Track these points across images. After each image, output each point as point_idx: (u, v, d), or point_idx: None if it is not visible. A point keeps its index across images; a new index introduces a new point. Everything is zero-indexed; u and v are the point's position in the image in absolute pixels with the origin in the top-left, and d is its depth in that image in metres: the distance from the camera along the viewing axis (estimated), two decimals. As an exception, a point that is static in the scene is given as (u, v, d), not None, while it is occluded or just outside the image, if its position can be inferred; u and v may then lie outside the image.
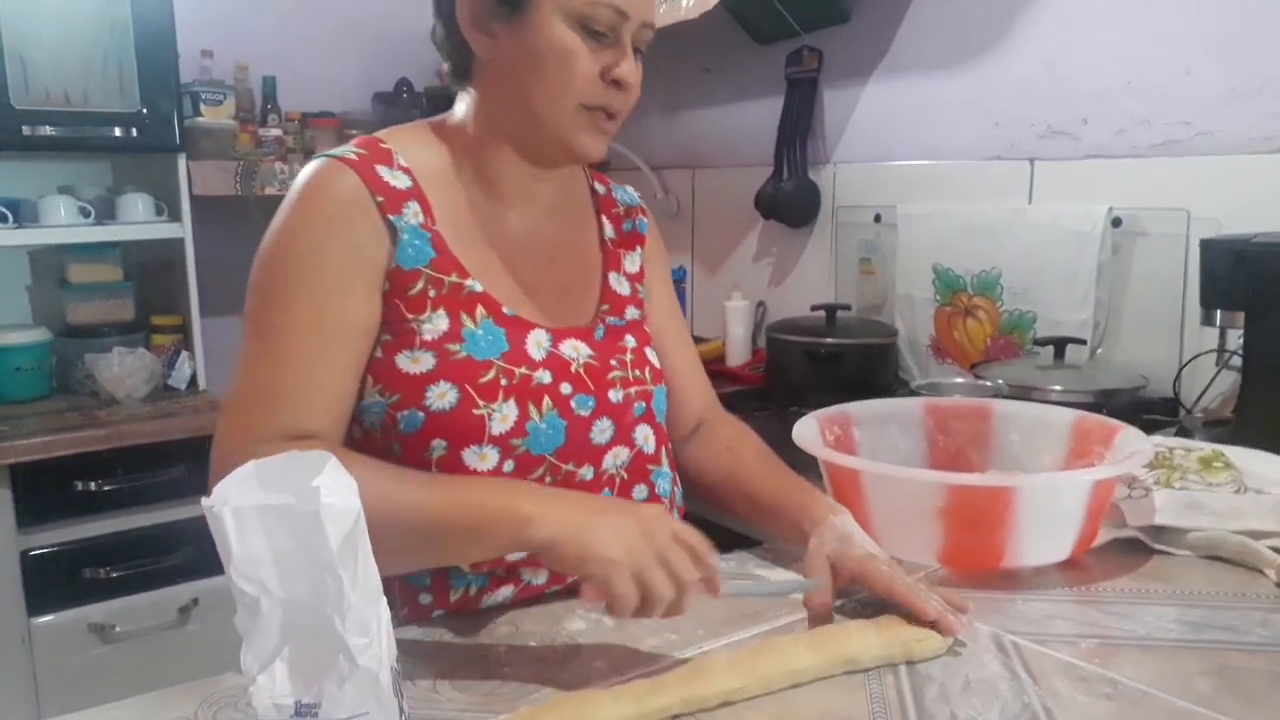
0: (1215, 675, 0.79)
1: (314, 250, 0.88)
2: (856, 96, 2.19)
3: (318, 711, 0.53)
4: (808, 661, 0.79)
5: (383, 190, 0.91)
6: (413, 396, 0.89)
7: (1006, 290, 1.85)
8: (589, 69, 0.91)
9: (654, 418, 1.03)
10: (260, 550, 0.53)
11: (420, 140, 0.98)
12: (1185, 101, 1.64)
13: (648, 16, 0.93)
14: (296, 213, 0.90)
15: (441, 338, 0.90)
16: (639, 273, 1.10)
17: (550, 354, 0.95)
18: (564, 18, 0.90)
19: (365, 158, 0.92)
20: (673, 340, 1.14)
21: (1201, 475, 1.09)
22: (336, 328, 0.88)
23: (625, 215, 1.12)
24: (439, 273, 0.92)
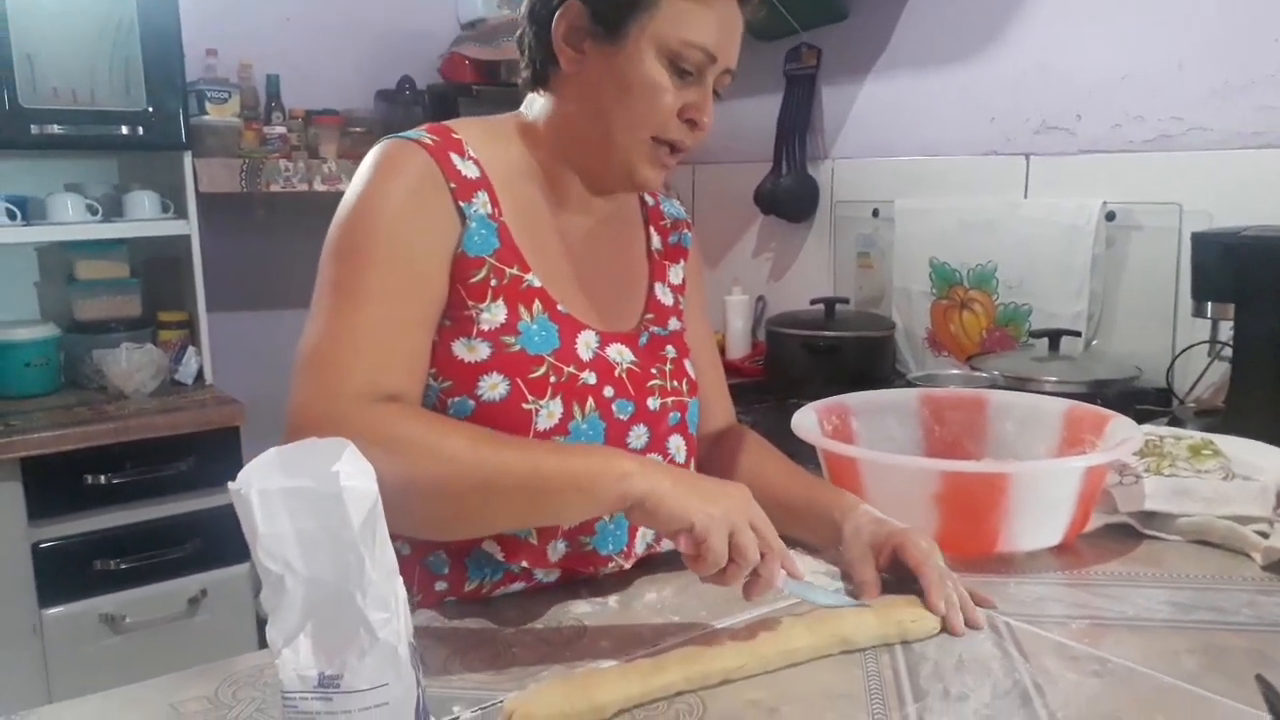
0: (1202, 654, 0.81)
1: (397, 218, 0.89)
2: (855, 93, 2.21)
3: (340, 683, 0.55)
4: (805, 641, 0.81)
5: (455, 177, 0.92)
6: (465, 385, 0.91)
7: (1002, 283, 1.88)
8: (671, 105, 0.93)
9: (687, 428, 1.05)
10: (285, 530, 0.55)
11: (490, 135, 0.99)
12: (1178, 97, 1.67)
13: (732, 63, 0.96)
14: (378, 181, 0.91)
15: (498, 329, 0.92)
16: (681, 284, 1.12)
17: (597, 356, 0.97)
18: (657, 52, 0.91)
19: (439, 144, 0.93)
20: (702, 353, 1.16)
21: (1190, 462, 1.11)
22: (418, 295, 0.89)
23: (672, 228, 1.14)
24: (502, 263, 0.93)
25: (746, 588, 0.81)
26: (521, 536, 0.93)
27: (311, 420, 0.80)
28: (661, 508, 0.78)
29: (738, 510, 0.79)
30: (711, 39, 0.93)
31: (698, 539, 0.77)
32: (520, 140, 1.00)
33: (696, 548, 0.77)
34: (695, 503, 0.78)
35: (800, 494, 1.04)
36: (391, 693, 0.56)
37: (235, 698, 0.76)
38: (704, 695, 0.76)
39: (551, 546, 0.94)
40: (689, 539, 0.77)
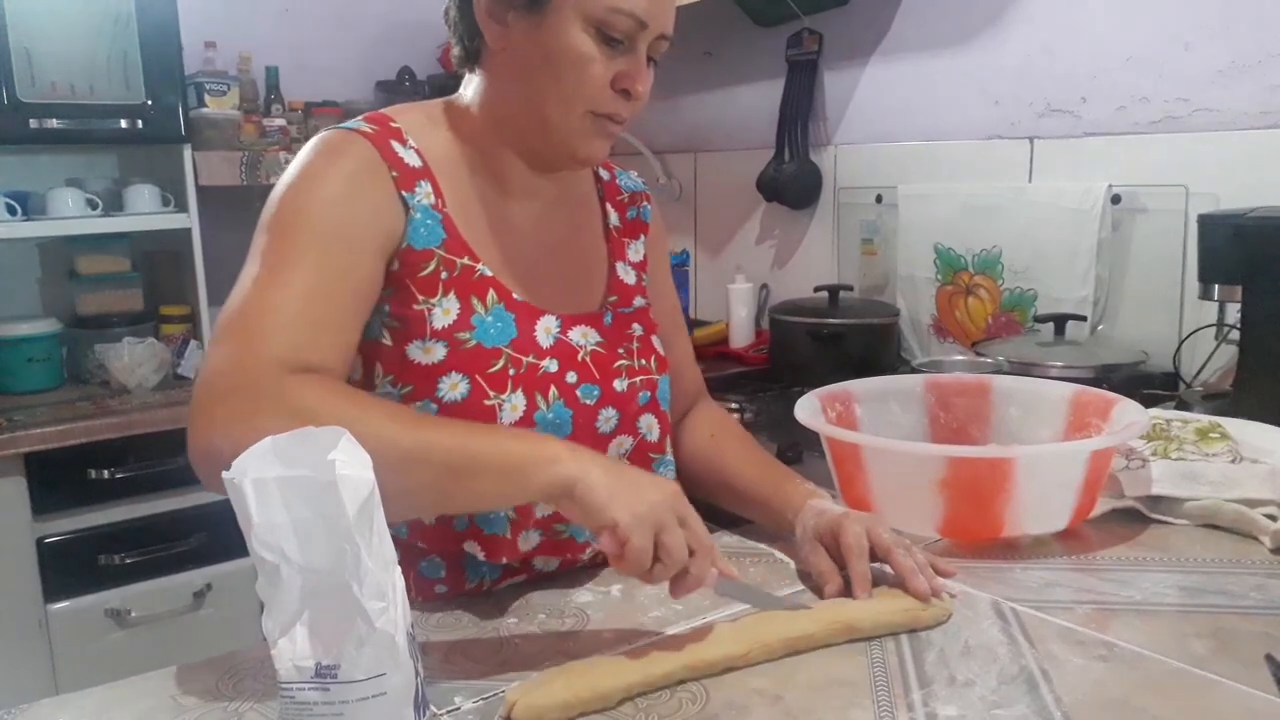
0: (1210, 638, 0.81)
1: (333, 199, 0.86)
2: (857, 78, 2.20)
3: (337, 673, 0.55)
4: (810, 629, 0.81)
5: (397, 165, 0.90)
6: (426, 388, 0.89)
7: (1007, 269, 1.86)
8: (602, 76, 0.89)
9: (658, 406, 1.03)
10: (280, 519, 0.55)
11: (429, 122, 0.97)
12: (1184, 78, 1.65)
13: (666, 28, 0.92)
14: (315, 165, 0.88)
15: (452, 325, 0.90)
16: (643, 261, 1.10)
17: (559, 341, 0.95)
18: (583, 22, 0.88)
19: (379, 132, 0.91)
20: (669, 327, 1.14)
21: (1198, 446, 1.10)
22: (348, 275, 0.86)
23: (630, 202, 1.11)
24: (451, 255, 0.91)
25: (673, 586, 0.78)
26: (499, 532, 0.92)
27: (223, 387, 0.78)
28: (589, 499, 0.74)
29: (666, 508, 0.76)
30: (640, 4, 0.88)
31: (620, 538, 0.74)
32: (459, 126, 0.97)
33: (620, 546, 0.74)
34: (622, 499, 0.74)
35: (753, 483, 1.04)
36: (389, 683, 0.56)
37: (236, 690, 0.76)
38: (707, 683, 0.75)
39: (524, 537, 0.93)
40: (612, 537, 0.74)
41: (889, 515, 1.05)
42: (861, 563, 0.89)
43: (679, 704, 0.73)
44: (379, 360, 0.91)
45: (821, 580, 0.91)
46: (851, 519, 0.92)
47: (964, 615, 0.86)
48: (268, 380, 0.77)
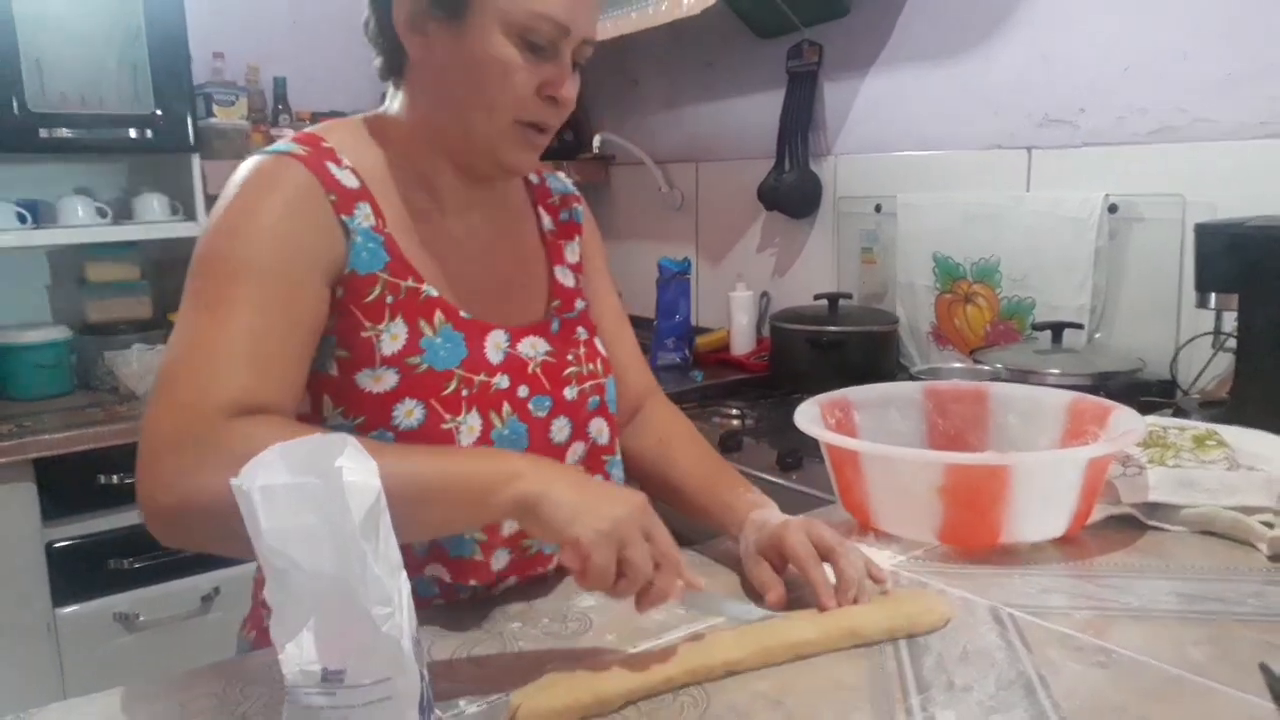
0: (1208, 644, 0.81)
1: (273, 231, 0.83)
2: (856, 89, 2.21)
3: (344, 678, 0.56)
4: (812, 634, 0.81)
5: (335, 188, 0.87)
6: (379, 417, 0.86)
7: (1005, 277, 1.87)
8: (526, 84, 0.88)
9: (606, 409, 1.03)
10: (287, 526, 0.56)
11: (360, 139, 0.94)
12: (1181, 88, 1.66)
13: (590, 33, 0.91)
14: (248, 198, 0.84)
15: (401, 350, 0.87)
16: (579, 262, 1.09)
17: (509, 355, 0.94)
18: (504, 29, 0.86)
19: (313, 154, 0.88)
20: (610, 326, 1.12)
21: (1194, 453, 1.11)
22: (290, 308, 0.82)
23: (561, 205, 1.10)
24: (395, 277, 0.88)
25: (638, 600, 0.77)
26: (466, 555, 0.91)
27: (167, 440, 0.75)
28: (552, 515, 0.73)
29: (630, 522, 0.74)
30: (561, 9, 0.86)
31: (582, 554, 0.72)
32: (389, 142, 0.94)
33: (582, 563, 0.73)
34: (584, 515, 0.73)
35: (698, 491, 1.04)
36: (395, 687, 0.57)
37: (243, 694, 0.77)
38: (709, 688, 0.76)
39: (495, 556, 0.93)
40: (574, 553, 0.73)
41: (888, 521, 1.06)
42: (816, 569, 0.88)
43: (680, 708, 0.74)
44: (326, 392, 0.88)
45: (762, 590, 0.90)
46: (791, 527, 0.91)
47: (962, 621, 0.87)
48: (212, 430, 0.75)
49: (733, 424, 1.88)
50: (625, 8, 2.31)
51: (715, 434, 1.74)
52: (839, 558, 0.88)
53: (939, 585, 0.95)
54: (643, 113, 2.82)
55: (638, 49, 2.61)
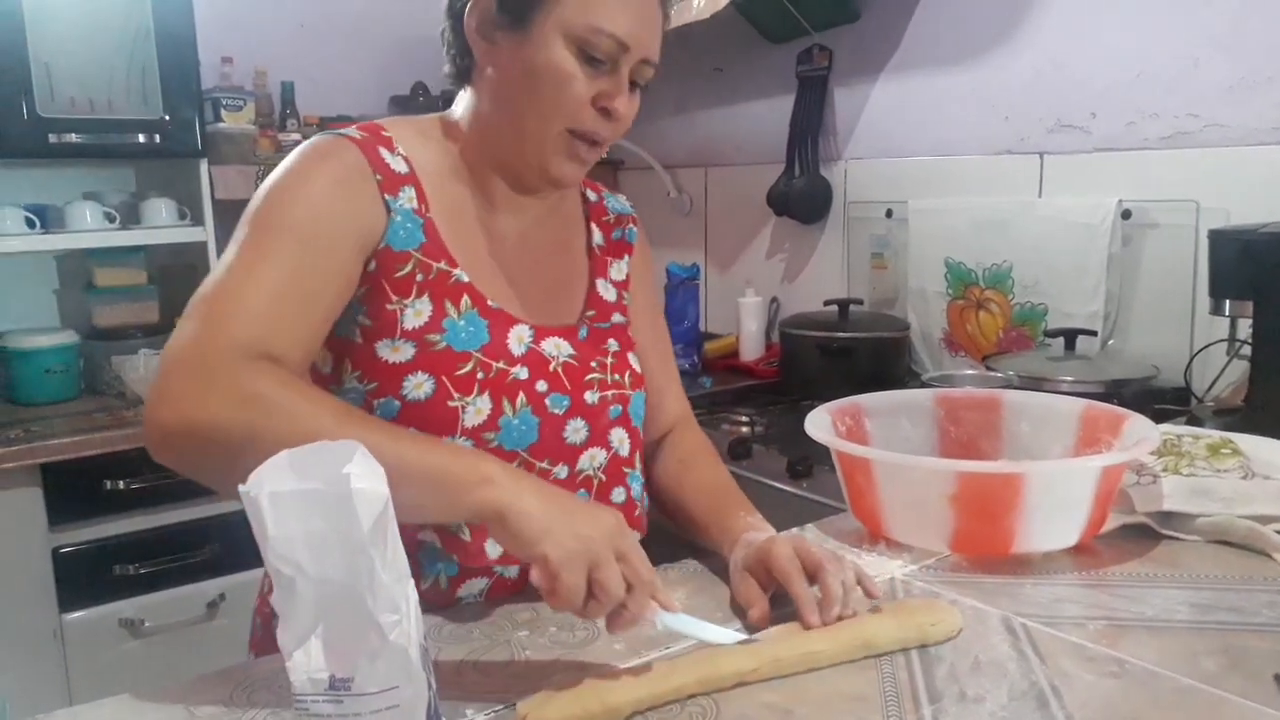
0: (1222, 655, 0.81)
1: (319, 198, 0.88)
2: (867, 94, 2.21)
3: (351, 685, 0.55)
4: (824, 645, 0.81)
5: (382, 170, 0.92)
6: (390, 385, 0.90)
7: (1018, 283, 1.87)
8: (582, 94, 0.91)
9: (630, 421, 1.04)
10: (295, 532, 0.55)
11: (420, 134, 0.98)
12: (1193, 93, 1.65)
13: (650, 53, 0.93)
14: (303, 166, 0.90)
15: (423, 327, 0.91)
16: (625, 280, 1.10)
17: (530, 350, 0.96)
18: (565, 40, 0.90)
19: (368, 139, 0.93)
20: (653, 350, 1.14)
21: (1209, 461, 1.10)
22: (323, 273, 0.87)
23: (615, 224, 1.13)
24: (428, 258, 0.92)
25: (609, 622, 0.75)
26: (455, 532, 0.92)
27: (183, 361, 0.79)
28: (521, 529, 0.72)
29: (602, 542, 0.73)
30: (623, 27, 0.90)
31: (550, 574, 0.71)
32: (450, 139, 0.99)
33: (551, 582, 0.71)
34: (555, 532, 0.72)
35: (702, 514, 1.03)
36: (402, 695, 0.56)
37: (250, 701, 0.77)
38: (717, 698, 0.76)
39: (491, 543, 0.92)
40: (543, 572, 0.72)
41: (899, 530, 1.05)
42: (800, 584, 0.86)
43: (689, 717, 0.73)
44: (348, 357, 0.92)
45: (746, 605, 0.89)
46: (778, 542, 0.90)
47: (974, 631, 0.86)
48: (225, 363, 0.78)
49: (742, 431, 1.88)
50: (634, 13, 2.30)
51: (725, 441, 1.73)
52: (825, 573, 0.86)
53: (951, 595, 0.94)
54: (652, 117, 2.82)
55: (646, 54, 2.61)
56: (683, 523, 1.07)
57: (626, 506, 1.03)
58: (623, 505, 1.03)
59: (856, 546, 1.06)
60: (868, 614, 0.86)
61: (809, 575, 0.87)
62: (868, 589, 0.88)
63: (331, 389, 0.93)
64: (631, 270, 1.12)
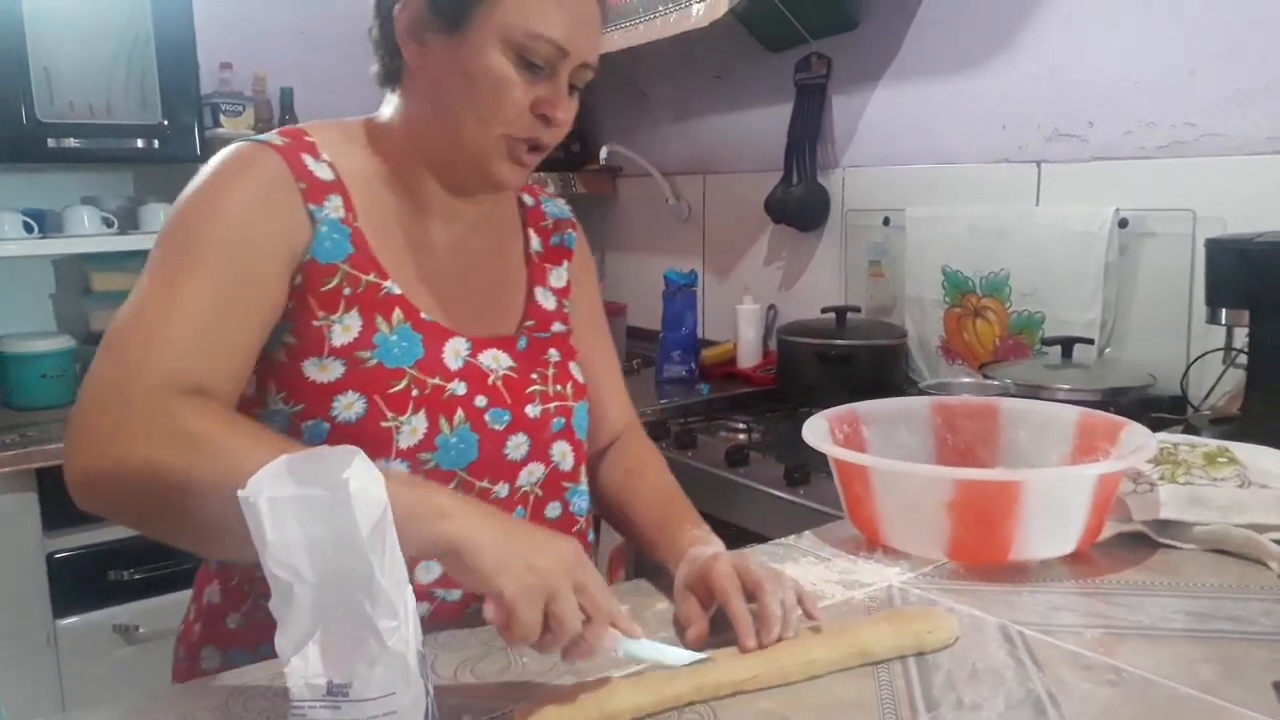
0: (1219, 663, 0.80)
1: (240, 213, 0.84)
2: (865, 102, 2.21)
3: (349, 691, 0.55)
4: (821, 653, 0.80)
5: (306, 178, 0.88)
6: (318, 406, 0.86)
7: (1015, 291, 1.87)
8: (521, 101, 0.88)
9: (573, 434, 1.00)
10: (294, 538, 0.55)
11: (345, 138, 0.95)
12: (1190, 103, 1.66)
13: (589, 57, 0.91)
14: (221, 178, 0.86)
15: (352, 344, 0.87)
16: (565, 288, 1.07)
17: (468, 364, 0.93)
18: (502, 45, 0.87)
19: (290, 145, 0.89)
20: (596, 357, 1.11)
21: (1206, 470, 1.10)
22: (248, 292, 0.83)
23: (554, 229, 1.10)
24: (356, 270, 0.88)
25: (565, 652, 0.72)
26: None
27: (103, 400, 0.75)
28: (475, 563, 0.69)
29: (560, 573, 0.70)
30: (560, 31, 0.87)
31: (507, 607, 0.68)
32: (378, 144, 0.95)
33: (506, 617, 0.69)
34: (510, 565, 0.69)
35: (650, 527, 1.00)
36: (400, 701, 0.56)
37: (245, 708, 0.76)
38: (715, 705, 0.75)
39: (423, 567, 0.89)
40: (498, 607, 0.69)
41: (897, 538, 1.05)
42: (736, 604, 0.82)
43: (686, 725, 0.73)
44: (272, 377, 0.88)
45: (686, 622, 0.85)
46: (719, 560, 0.86)
47: (971, 639, 0.86)
48: (149, 401, 0.75)
49: (739, 438, 1.88)
50: (633, 19, 2.31)
51: (722, 448, 1.73)
52: (764, 593, 0.82)
53: (948, 603, 0.94)
54: (650, 124, 2.82)
55: (646, 61, 2.62)
56: (631, 536, 1.04)
57: (563, 521, 1.00)
58: (558, 520, 1.00)
59: (854, 554, 1.06)
60: (864, 621, 0.86)
61: (748, 594, 0.83)
62: (807, 609, 0.85)
63: (256, 412, 0.88)
64: (572, 276, 1.09)
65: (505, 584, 0.68)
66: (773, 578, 0.85)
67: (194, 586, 1.03)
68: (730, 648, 0.81)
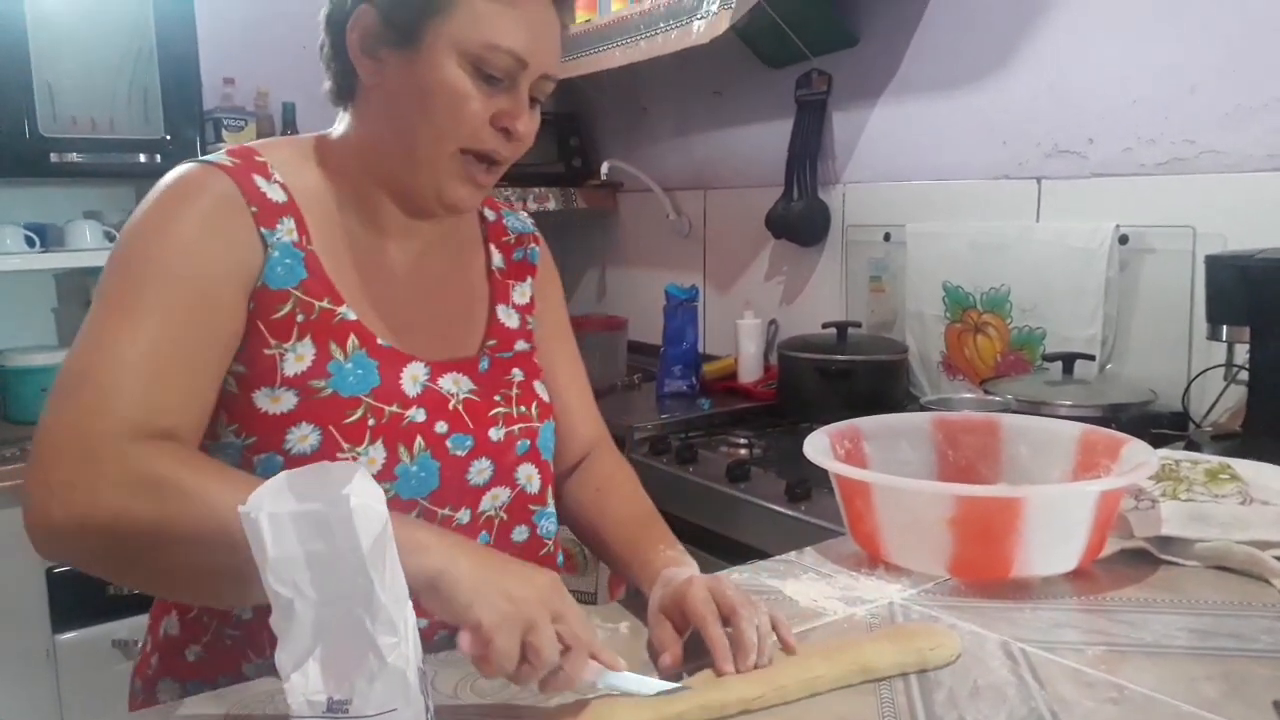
0: (1221, 680, 0.80)
1: (187, 239, 0.81)
2: (865, 118, 2.22)
3: (349, 707, 0.55)
4: (824, 671, 0.80)
5: (257, 200, 0.85)
6: (271, 439, 0.83)
7: (1016, 307, 1.87)
8: (479, 114, 0.85)
9: (538, 455, 0.98)
10: (294, 554, 0.55)
11: (298, 157, 0.92)
12: (1190, 120, 1.66)
13: (550, 68, 0.89)
14: (169, 203, 0.83)
15: (305, 373, 0.84)
16: (529, 304, 1.05)
17: (427, 389, 0.90)
18: (458, 57, 0.84)
19: (241, 166, 0.86)
20: (562, 372, 1.09)
21: (1207, 487, 1.10)
22: (204, 323, 0.81)
23: (516, 244, 1.07)
24: (310, 296, 0.86)
25: (543, 684, 0.71)
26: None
27: (63, 448, 0.73)
28: (452, 595, 0.67)
29: (537, 604, 0.69)
30: (519, 42, 0.85)
31: (484, 638, 0.67)
32: (330, 163, 0.93)
33: (483, 648, 0.67)
34: (487, 596, 0.67)
35: (623, 548, 0.97)
36: (400, 718, 0.56)
37: (245, 724, 0.76)
38: (717, 723, 0.75)
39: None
40: (475, 638, 0.67)
41: (898, 554, 1.05)
42: (714, 628, 0.80)
43: (687, 742, 0.73)
44: (224, 409, 0.85)
45: (660, 647, 0.83)
46: (695, 584, 0.84)
47: (973, 656, 0.86)
48: (112, 447, 0.73)
49: (740, 453, 1.87)
50: (634, 36, 2.32)
51: (723, 463, 1.73)
52: (739, 619, 0.80)
53: (950, 619, 0.93)
54: (651, 140, 2.83)
55: (647, 77, 2.63)
56: (603, 556, 1.02)
57: (530, 545, 0.98)
58: (525, 544, 0.98)
59: (855, 570, 1.06)
60: (866, 638, 0.86)
61: (724, 618, 0.82)
62: (782, 636, 0.83)
63: (206, 444, 0.85)
64: (536, 292, 1.06)
65: (482, 614, 0.67)
66: (747, 603, 0.83)
67: (150, 618, 1.00)
68: (706, 671, 0.80)
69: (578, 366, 1.13)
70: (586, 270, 3.07)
